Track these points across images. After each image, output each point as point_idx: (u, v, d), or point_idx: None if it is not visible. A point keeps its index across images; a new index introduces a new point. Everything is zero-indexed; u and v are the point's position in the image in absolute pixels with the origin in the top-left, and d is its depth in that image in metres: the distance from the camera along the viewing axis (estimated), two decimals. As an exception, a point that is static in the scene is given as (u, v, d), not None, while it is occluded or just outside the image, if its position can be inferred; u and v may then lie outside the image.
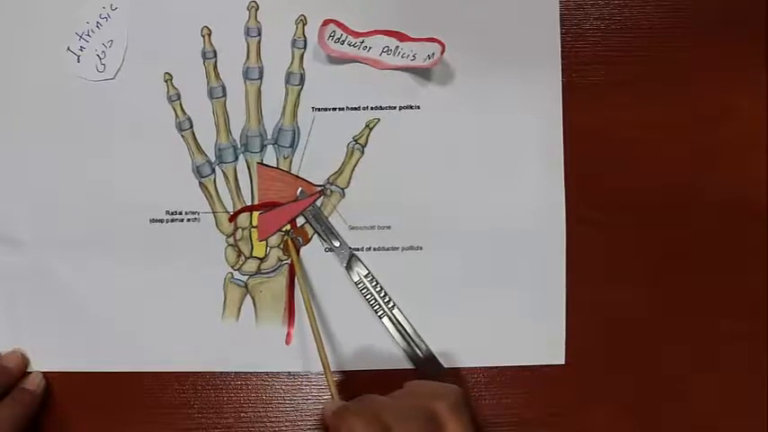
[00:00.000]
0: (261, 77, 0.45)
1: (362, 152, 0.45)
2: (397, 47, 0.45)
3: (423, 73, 0.45)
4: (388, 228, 0.45)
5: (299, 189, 0.45)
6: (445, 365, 0.45)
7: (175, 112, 0.46)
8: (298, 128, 0.45)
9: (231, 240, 0.46)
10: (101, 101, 0.46)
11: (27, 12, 0.46)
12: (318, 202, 0.45)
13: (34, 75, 0.46)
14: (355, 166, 0.45)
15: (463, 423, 0.35)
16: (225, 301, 0.46)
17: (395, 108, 0.45)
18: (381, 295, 0.45)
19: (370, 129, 0.45)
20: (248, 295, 0.46)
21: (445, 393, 0.37)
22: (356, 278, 0.45)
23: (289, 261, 0.46)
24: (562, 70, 0.45)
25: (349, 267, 0.45)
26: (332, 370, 0.45)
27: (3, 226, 0.46)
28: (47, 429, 0.46)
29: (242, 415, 0.46)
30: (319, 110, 0.45)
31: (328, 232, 0.45)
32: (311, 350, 0.45)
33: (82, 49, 0.45)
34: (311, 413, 0.46)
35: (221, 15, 0.45)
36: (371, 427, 0.35)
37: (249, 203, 0.46)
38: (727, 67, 0.45)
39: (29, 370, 0.46)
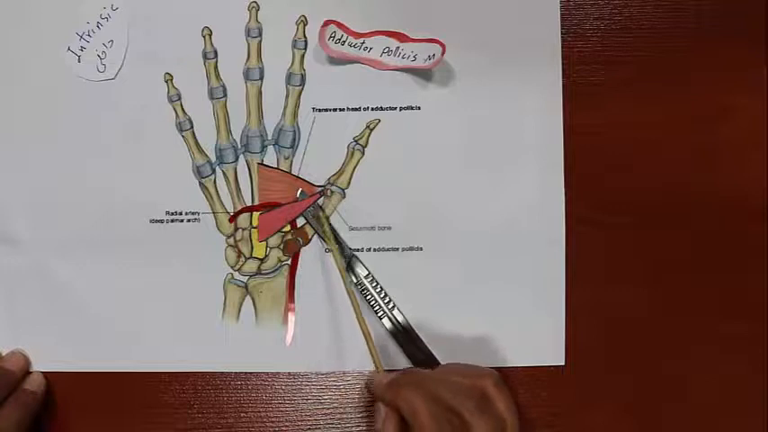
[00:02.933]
0: (261, 78, 0.45)
1: (363, 153, 0.45)
2: (398, 47, 0.45)
3: (423, 74, 0.45)
4: (389, 228, 0.45)
5: (300, 190, 0.45)
6: (445, 366, 0.45)
7: (176, 112, 0.46)
8: (298, 128, 0.45)
9: (231, 241, 0.46)
10: (101, 101, 0.46)
11: (27, 12, 0.46)
12: (319, 203, 0.45)
13: (34, 75, 0.46)
14: (356, 166, 0.45)
15: (509, 398, 0.39)
16: (225, 302, 0.46)
17: (395, 109, 0.45)
18: (381, 296, 0.45)
19: (371, 129, 0.45)
20: (248, 296, 0.46)
21: (487, 373, 0.40)
22: (356, 279, 0.45)
23: (289, 261, 0.46)
24: (562, 70, 0.45)
25: (349, 268, 0.45)
26: (332, 370, 0.45)
27: (3, 226, 0.46)
28: (47, 429, 0.46)
29: (242, 415, 0.46)
30: (320, 110, 0.45)
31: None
32: (311, 350, 0.45)
33: (82, 49, 0.45)
34: (311, 413, 0.46)
35: (222, 16, 0.45)
36: (429, 401, 0.37)
37: (249, 204, 0.46)
38: (727, 67, 0.45)
39: (29, 370, 0.46)
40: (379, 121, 0.45)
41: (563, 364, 0.45)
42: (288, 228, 0.46)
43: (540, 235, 0.45)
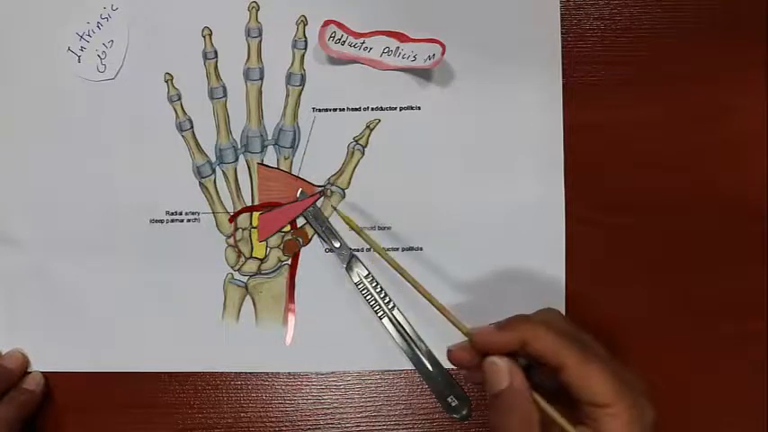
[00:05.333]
0: (261, 78, 0.45)
1: (363, 153, 0.45)
2: (398, 47, 0.45)
3: (423, 74, 0.45)
4: (389, 228, 0.45)
5: (300, 190, 0.45)
6: (445, 365, 0.45)
7: (176, 112, 0.46)
8: (298, 128, 0.45)
9: (231, 241, 0.46)
10: (101, 101, 0.46)
11: (27, 12, 0.46)
12: (319, 203, 0.45)
13: (34, 75, 0.46)
14: (356, 166, 0.45)
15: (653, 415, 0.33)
16: (225, 302, 0.46)
17: (395, 109, 0.45)
18: (381, 296, 0.45)
19: (371, 129, 0.45)
20: (248, 296, 0.46)
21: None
22: (356, 279, 0.45)
23: (289, 261, 0.46)
24: (562, 70, 0.45)
25: (349, 268, 0.45)
26: (332, 370, 0.45)
27: (3, 226, 0.46)
28: (46, 429, 0.46)
29: (242, 415, 0.46)
30: (320, 110, 0.45)
31: (328, 233, 0.45)
32: (311, 350, 0.45)
33: (82, 49, 0.45)
34: (311, 413, 0.46)
35: (222, 16, 0.45)
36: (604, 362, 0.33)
37: (249, 204, 0.46)
38: (727, 67, 0.45)
39: (29, 370, 0.46)
40: (379, 121, 0.45)
41: (563, 363, 0.45)
42: (288, 228, 0.46)
43: (540, 235, 0.45)
